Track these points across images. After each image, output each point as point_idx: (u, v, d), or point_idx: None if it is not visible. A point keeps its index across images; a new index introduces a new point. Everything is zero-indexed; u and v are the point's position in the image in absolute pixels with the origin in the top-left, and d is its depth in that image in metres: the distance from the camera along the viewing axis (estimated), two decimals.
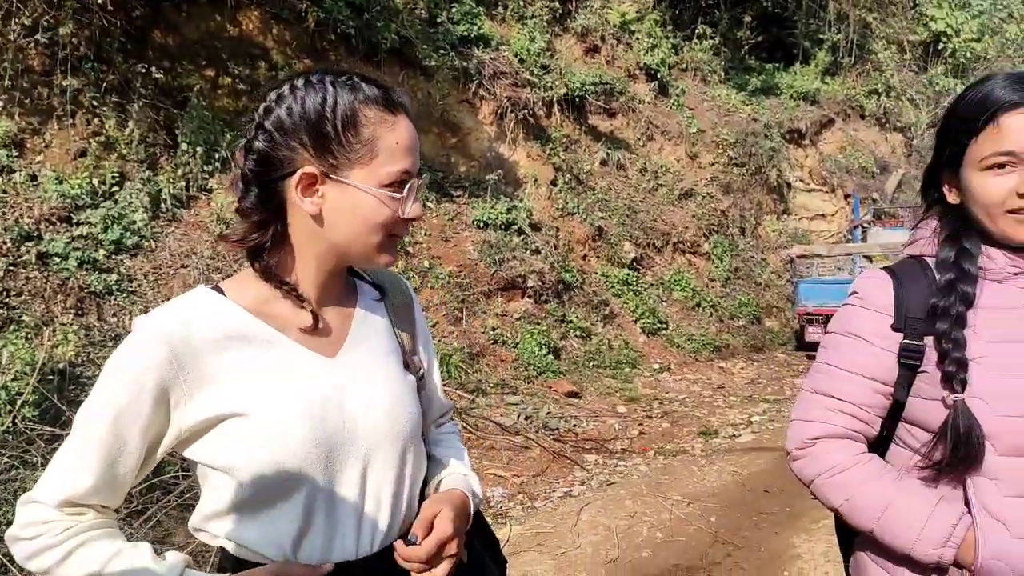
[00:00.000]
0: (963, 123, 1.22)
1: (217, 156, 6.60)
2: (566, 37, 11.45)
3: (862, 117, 14.94)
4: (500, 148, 9.66)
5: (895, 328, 1.26)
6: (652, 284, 10.27)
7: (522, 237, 8.63)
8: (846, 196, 13.38)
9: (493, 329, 7.67)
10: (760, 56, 14.44)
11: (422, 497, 1.18)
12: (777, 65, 14.43)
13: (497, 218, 8.50)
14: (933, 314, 1.22)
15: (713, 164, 12.16)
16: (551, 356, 7.73)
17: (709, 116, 12.62)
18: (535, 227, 8.97)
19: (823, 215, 13.48)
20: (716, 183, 11.99)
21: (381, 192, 1.04)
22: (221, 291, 1.08)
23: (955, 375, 1.18)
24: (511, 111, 9.63)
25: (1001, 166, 1.17)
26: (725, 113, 12.87)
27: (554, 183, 9.82)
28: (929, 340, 1.23)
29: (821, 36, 14.33)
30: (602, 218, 10.06)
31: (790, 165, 13.21)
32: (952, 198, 1.28)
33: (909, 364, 1.25)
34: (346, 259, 1.10)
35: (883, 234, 11.35)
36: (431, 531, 1.08)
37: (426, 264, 7.72)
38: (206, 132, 6.65)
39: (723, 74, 13.39)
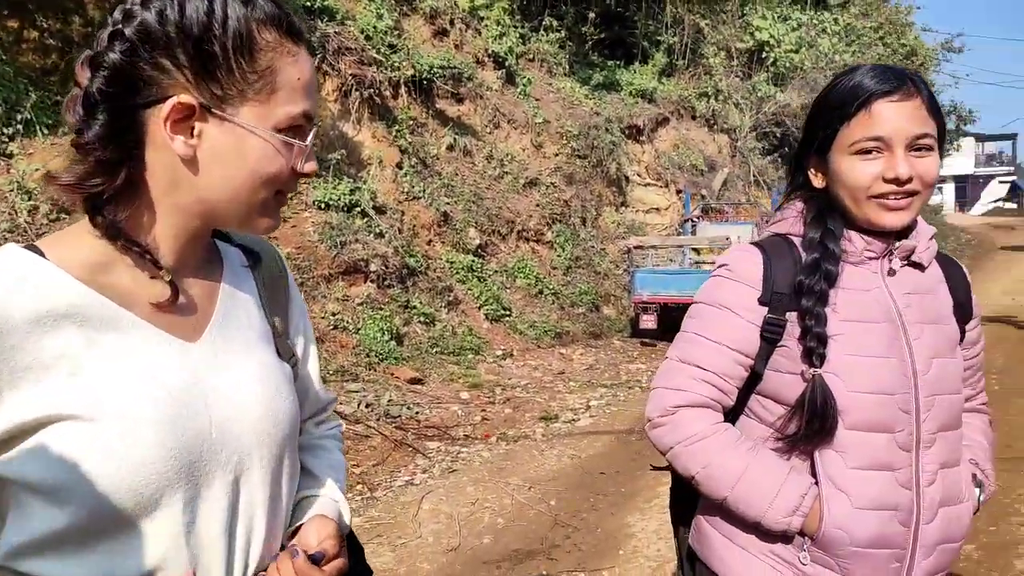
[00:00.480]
0: (836, 109, 1.27)
1: (19, 117, 5.87)
2: (414, 17, 11.23)
3: (693, 117, 15.81)
4: (344, 127, 9.32)
5: (761, 302, 1.30)
6: (496, 271, 10.32)
7: (365, 220, 8.37)
8: (678, 191, 14.11)
9: (334, 314, 7.39)
10: (603, 52, 14.89)
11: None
12: (618, 63, 14.93)
13: (339, 199, 8.19)
14: (799, 291, 1.27)
15: (557, 155, 12.40)
16: (394, 342, 7.57)
17: (554, 107, 12.85)
18: (379, 210, 8.73)
19: (657, 209, 14.14)
20: (560, 173, 12.24)
21: (276, 137, 0.84)
22: (39, 252, 0.81)
23: (815, 350, 1.23)
24: (356, 89, 9.30)
25: (869, 151, 1.23)
26: (569, 105, 13.16)
27: (400, 166, 9.61)
28: (791, 316, 1.28)
29: (659, 38, 14.99)
30: (448, 203, 9.98)
31: (629, 159, 13.73)
32: (818, 182, 1.33)
33: (770, 338, 1.29)
34: (217, 219, 0.89)
35: (710, 228, 12.08)
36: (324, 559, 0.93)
37: None
38: (7, 90, 5.90)
39: (568, 67, 13.67)
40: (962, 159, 39.41)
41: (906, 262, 1.32)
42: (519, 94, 12.39)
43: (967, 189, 43.91)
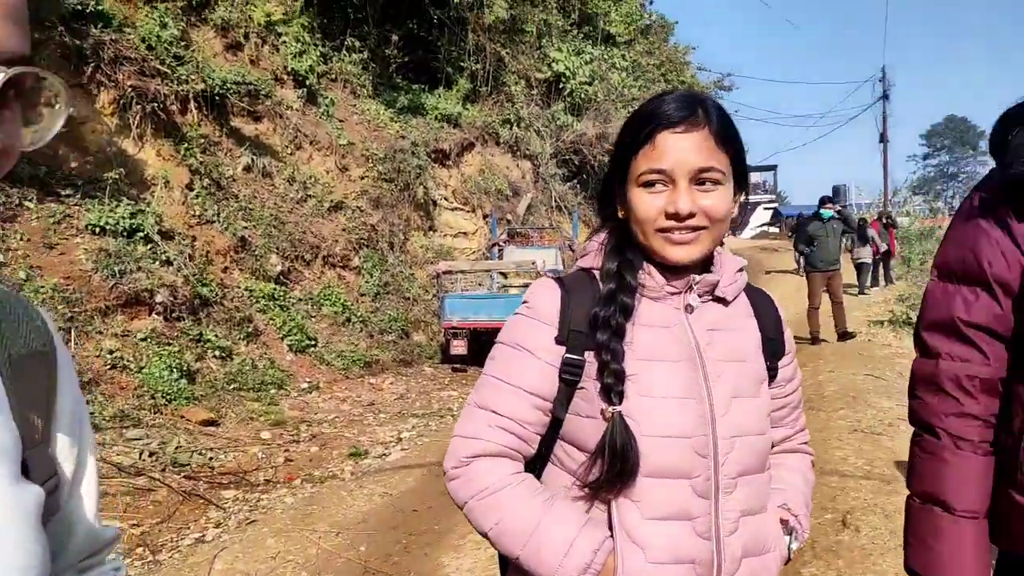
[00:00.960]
0: (627, 140, 1.23)
1: None
2: (204, 29, 10.50)
3: (497, 143, 16.14)
4: (123, 143, 8.46)
5: (558, 341, 1.23)
6: (301, 299, 9.83)
7: (149, 246, 7.62)
8: (485, 216, 14.29)
9: (111, 352, 6.61)
10: (408, 76, 14.80)
11: None
12: (423, 87, 14.92)
13: (118, 223, 7.40)
14: (594, 324, 1.21)
15: (363, 178, 12.10)
16: (184, 380, 6.90)
17: (359, 129, 12.56)
18: (166, 235, 7.99)
19: (465, 233, 14.23)
20: (366, 197, 11.94)
21: None
22: None
23: (613, 387, 1.17)
24: (137, 102, 8.50)
25: (653, 184, 1.19)
26: (375, 128, 12.92)
27: (190, 187, 8.88)
28: (589, 355, 1.22)
29: (462, 64, 15.16)
30: (246, 228, 9.36)
31: (436, 183, 13.70)
32: (621, 213, 1.29)
33: (569, 379, 1.22)
34: None
35: (516, 252, 12.31)
36: None
37: (22, 275, 6.40)
38: None
39: (372, 89, 13.44)
40: None
41: (710, 297, 1.28)
42: (322, 115, 11.97)
43: (738, 215, 48.43)
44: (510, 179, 15.77)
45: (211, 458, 5.62)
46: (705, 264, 1.28)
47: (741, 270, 1.34)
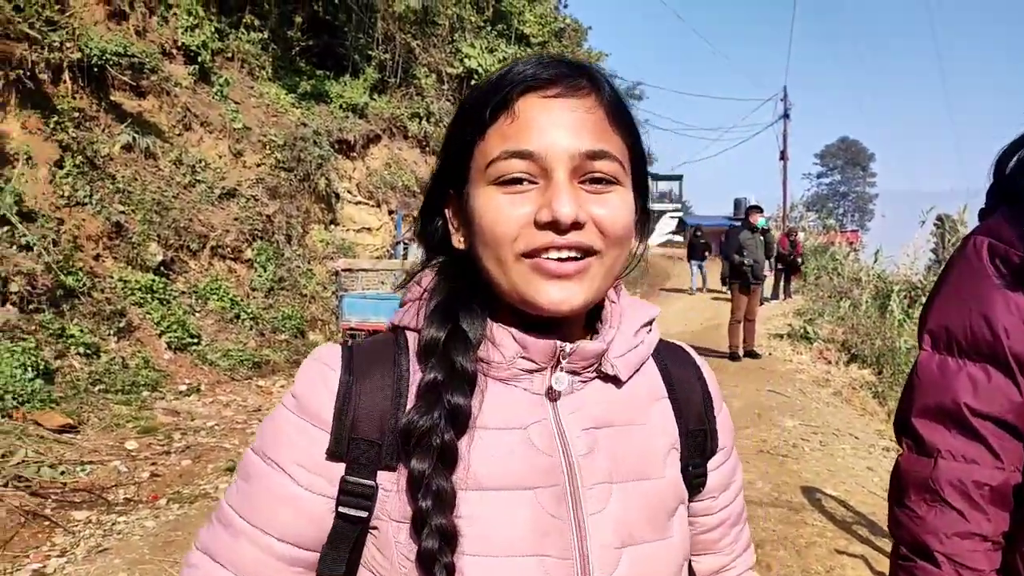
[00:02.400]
0: (471, 114, 0.78)
1: None
2: None
3: (405, 137, 15.64)
4: None
5: (333, 454, 0.77)
6: (184, 292, 9.08)
7: (6, 228, 6.79)
8: (390, 212, 13.78)
9: None
10: (311, 60, 14.10)
11: None
12: (328, 73, 14.25)
13: None
14: (406, 441, 0.75)
15: (260, 165, 11.38)
16: (40, 380, 6.15)
17: (256, 113, 11.82)
18: (28, 217, 7.16)
19: (369, 228, 13.67)
20: (262, 185, 11.23)
21: None
22: None
23: (437, 557, 0.72)
24: (0, 68, 7.60)
25: (513, 181, 0.74)
26: (274, 113, 12.20)
27: (60, 164, 8.02)
28: (386, 478, 0.77)
29: (370, 52, 14.60)
30: (123, 212, 8.56)
31: (339, 175, 13.09)
32: (457, 240, 0.82)
33: (350, 516, 0.77)
34: None
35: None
36: None
37: None
38: None
39: (272, 72, 12.71)
40: None
41: (592, 375, 0.82)
42: (215, 95, 11.18)
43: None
44: (418, 175, 15.30)
45: (63, 471, 4.96)
46: (588, 318, 0.84)
47: (648, 326, 0.87)
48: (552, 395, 0.80)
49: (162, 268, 8.87)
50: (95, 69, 8.78)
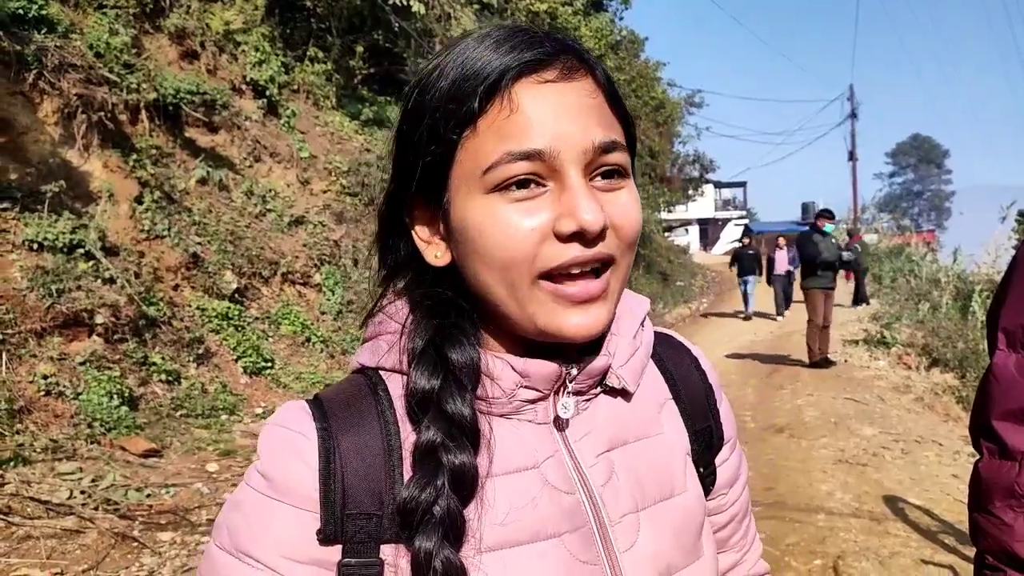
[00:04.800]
0: (446, 107, 0.65)
1: None
2: (158, 37, 10.08)
3: None
4: (67, 154, 7.99)
5: (326, 537, 0.65)
6: (257, 318, 9.37)
7: (92, 263, 7.15)
8: None
9: (45, 377, 6.13)
10: (373, 87, 14.47)
11: None
12: (389, 99, 14.58)
13: (57, 239, 6.92)
14: (406, 518, 0.64)
15: (326, 192, 11.71)
16: (126, 407, 6.43)
17: (322, 142, 12.17)
18: (110, 251, 7.52)
19: None
20: (329, 211, 11.54)
21: None
22: None
23: None
24: (83, 112, 8.04)
25: (523, 184, 0.63)
26: (338, 140, 12.54)
27: (139, 200, 8.41)
28: (391, 552, 0.65)
29: None
30: (199, 243, 8.91)
31: None
32: (433, 255, 0.71)
33: None
34: None
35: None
36: None
37: None
38: None
39: (336, 101, 13.07)
40: (705, 203, 43.83)
41: (597, 392, 0.74)
42: (283, 126, 11.57)
43: (709, 231, 48.91)
44: None
45: (149, 494, 5.17)
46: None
47: (643, 323, 0.78)
48: (560, 424, 0.71)
49: (236, 295, 9.19)
50: (170, 108, 9.21)
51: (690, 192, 29.55)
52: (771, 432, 6.54)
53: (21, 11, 7.76)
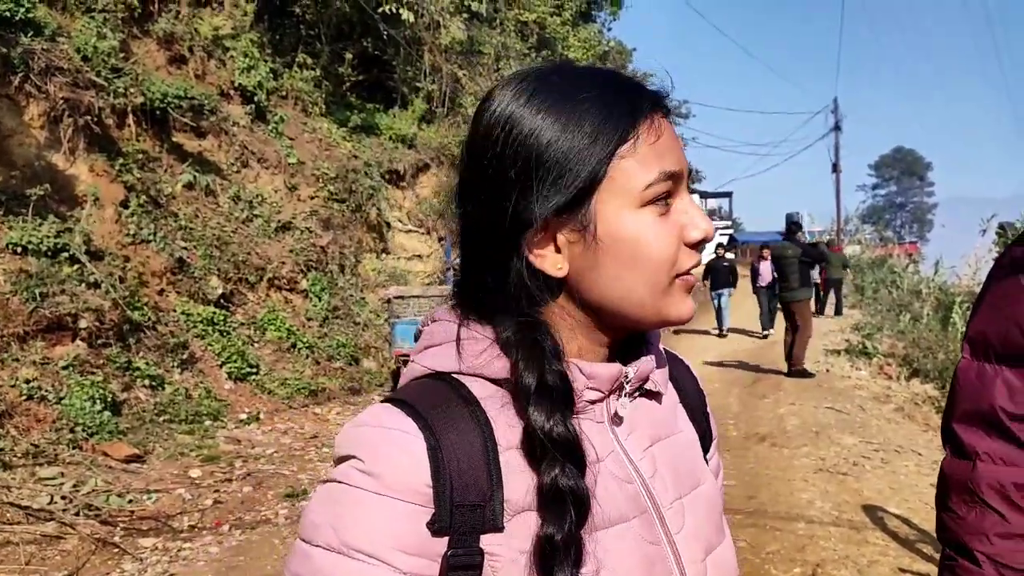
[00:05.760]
0: (605, 124, 0.71)
1: None
2: (146, 41, 10.06)
3: (453, 165, 15.83)
4: (53, 158, 7.96)
5: (437, 528, 0.68)
6: (243, 324, 9.35)
7: (76, 267, 7.13)
8: (440, 239, 13.97)
9: (28, 382, 6.10)
10: (361, 95, 14.48)
11: None
12: (378, 106, 14.60)
13: (41, 242, 6.90)
14: (543, 551, 0.68)
15: (313, 198, 11.70)
16: (108, 412, 6.40)
17: (310, 148, 12.17)
18: (95, 255, 7.50)
19: (420, 256, 13.88)
20: (316, 218, 11.53)
21: None
22: None
23: None
24: (69, 115, 8.02)
25: (662, 197, 0.72)
26: (326, 147, 12.54)
27: (125, 205, 8.39)
28: (492, 542, 0.69)
29: (418, 84, 14.91)
30: (185, 248, 8.89)
31: (389, 205, 13.35)
32: (555, 266, 0.73)
33: None
34: None
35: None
36: None
37: None
38: None
39: (324, 107, 13.08)
40: None
41: (637, 393, 0.81)
42: (270, 132, 11.56)
43: None
44: None
45: (131, 500, 5.15)
46: (633, 339, 0.82)
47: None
48: (617, 421, 0.78)
49: (222, 301, 9.17)
50: (157, 112, 9.19)
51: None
52: (753, 441, 6.60)
53: (8, 14, 7.73)
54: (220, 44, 11.04)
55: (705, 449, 0.91)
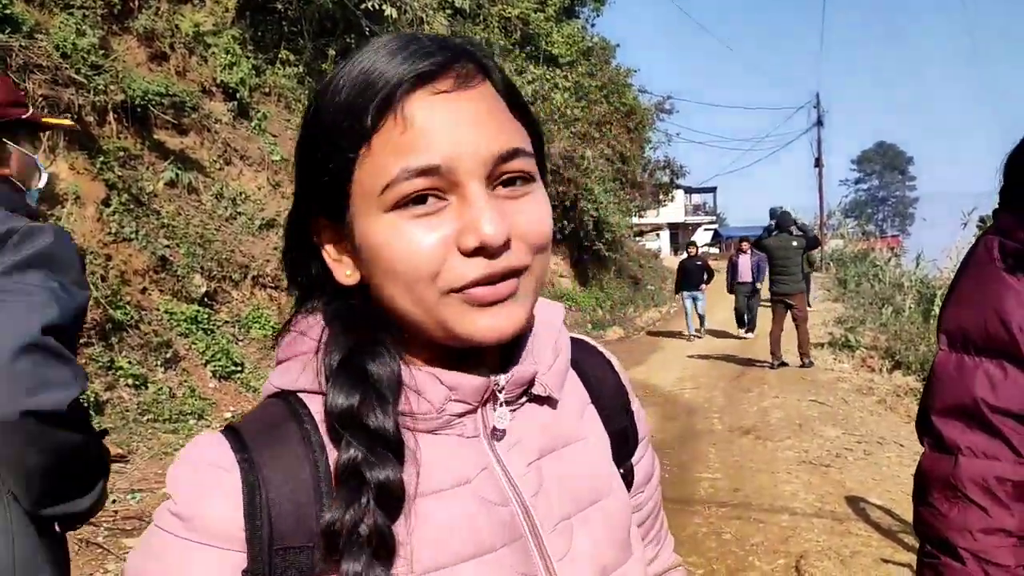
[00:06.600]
0: (341, 125, 0.64)
1: None
2: (126, 38, 9.96)
3: None
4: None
5: (251, 574, 0.61)
6: (227, 322, 9.30)
7: None
8: None
9: None
10: None
11: None
12: None
13: None
14: (331, 542, 0.60)
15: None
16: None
17: (293, 144, 12.06)
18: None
19: None
20: None
21: None
22: None
23: None
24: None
25: (422, 199, 0.62)
26: None
27: (107, 203, 8.31)
28: None
29: None
30: (168, 246, 8.82)
31: None
32: (344, 273, 0.69)
33: None
34: None
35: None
36: None
37: None
38: None
39: (307, 104, 13.05)
40: (675, 208, 44.23)
41: (524, 400, 0.73)
42: (253, 129, 11.49)
43: (679, 235, 49.34)
44: None
45: (115, 500, 5.12)
46: (513, 342, 0.71)
47: (560, 330, 0.78)
48: (496, 435, 0.70)
49: (206, 299, 9.11)
50: (138, 109, 9.11)
51: (661, 197, 29.81)
52: (738, 434, 6.65)
53: None
54: (201, 40, 10.95)
55: (629, 452, 0.83)
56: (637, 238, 31.05)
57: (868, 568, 3.81)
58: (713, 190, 51.42)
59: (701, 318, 14.38)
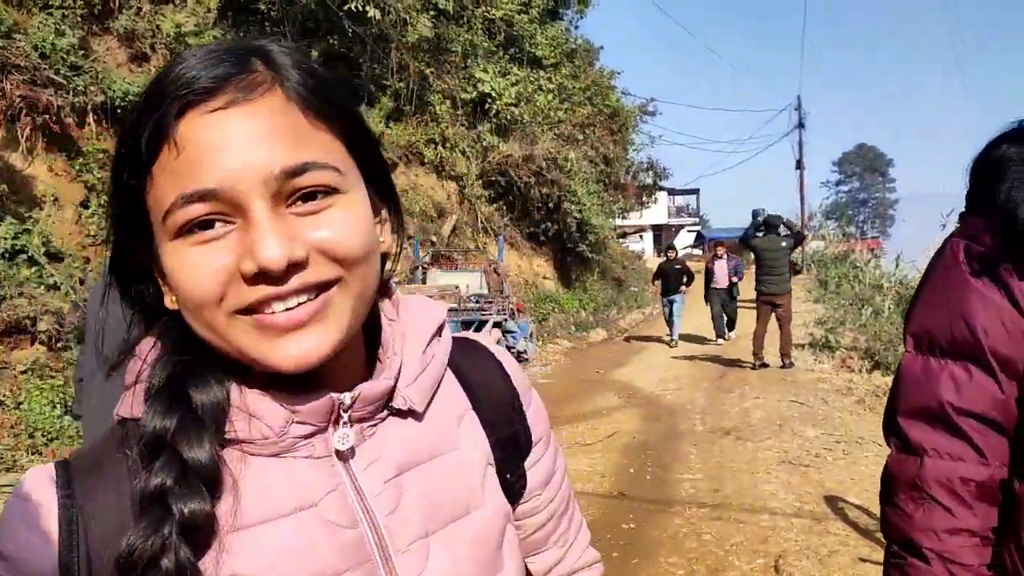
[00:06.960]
0: (125, 151, 0.61)
1: None
2: (106, 38, 9.88)
3: (422, 163, 15.84)
4: (10, 158, 7.80)
5: None
6: None
7: (35, 269, 6.99)
8: (409, 237, 13.92)
9: None
10: None
11: None
12: None
13: None
14: (126, 574, 0.57)
15: None
16: (69, 417, 6.29)
17: None
18: (55, 257, 7.37)
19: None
20: None
21: None
22: None
23: None
24: (27, 114, 7.86)
25: (207, 224, 0.59)
26: None
27: (85, 205, 8.25)
28: None
29: (385, 82, 14.84)
30: None
31: None
32: (170, 299, 0.65)
33: None
34: None
35: (440, 276, 12.01)
36: None
37: None
38: None
39: None
40: (658, 210, 44.41)
41: (382, 416, 0.70)
42: None
43: (663, 237, 49.57)
44: (435, 200, 15.47)
45: None
46: (369, 349, 0.71)
47: (438, 333, 0.75)
48: (342, 455, 0.67)
49: None
50: (119, 111, 9.02)
51: (644, 199, 29.92)
52: (719, 435, 6.70)
53: None
54: (183, 41, 10.87)
55: (520, 456, 0.79)
56: (620, 240, 31.16)
57: (846, 567, 3.85)
58: (696, 192, 51.71)
59: (674, 323, 13.87)
